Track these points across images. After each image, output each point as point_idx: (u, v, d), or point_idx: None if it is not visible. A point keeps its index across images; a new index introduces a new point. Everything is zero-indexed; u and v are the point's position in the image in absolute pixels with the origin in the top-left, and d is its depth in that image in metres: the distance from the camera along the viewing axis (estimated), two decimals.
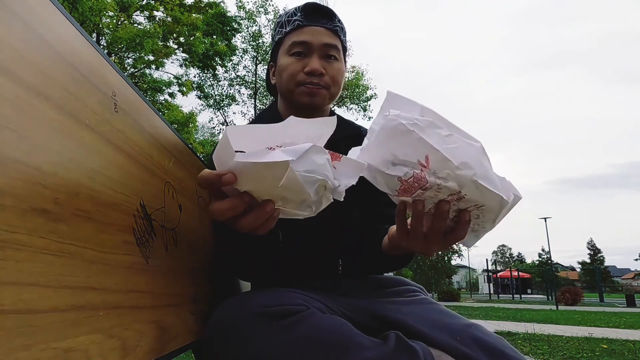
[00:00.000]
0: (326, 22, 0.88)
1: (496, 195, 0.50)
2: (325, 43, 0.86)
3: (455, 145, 0.48)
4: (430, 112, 0.50)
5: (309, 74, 0.85)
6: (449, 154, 0.47)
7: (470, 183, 0.49)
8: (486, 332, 0.70)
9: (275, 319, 0.62)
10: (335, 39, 0.88)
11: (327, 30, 0.88)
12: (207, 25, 10.97)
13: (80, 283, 0.40)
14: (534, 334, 4.65)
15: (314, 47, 0.86)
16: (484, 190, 0.50)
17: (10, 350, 0.30)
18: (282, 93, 0.92)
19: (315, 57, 0.86)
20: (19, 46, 0.36)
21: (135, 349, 0.49)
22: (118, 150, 0.51)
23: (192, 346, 0.70)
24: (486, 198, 0.51)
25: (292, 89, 0.87)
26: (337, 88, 0.89)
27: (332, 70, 0.87)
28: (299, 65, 0.86)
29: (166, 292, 0.60)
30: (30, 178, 0.35)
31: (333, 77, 0.87)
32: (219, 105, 15.18)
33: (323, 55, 0.87)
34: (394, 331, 0.66)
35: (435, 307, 0.79)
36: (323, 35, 0.87)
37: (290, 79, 0.87)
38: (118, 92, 0.53)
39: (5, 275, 0.31)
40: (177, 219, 0.69)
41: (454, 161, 0.47)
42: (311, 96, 0.86)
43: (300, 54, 0.87)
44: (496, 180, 0.51)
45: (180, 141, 0.76)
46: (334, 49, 0.87)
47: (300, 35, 0.87)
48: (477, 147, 0.49)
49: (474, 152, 0.49)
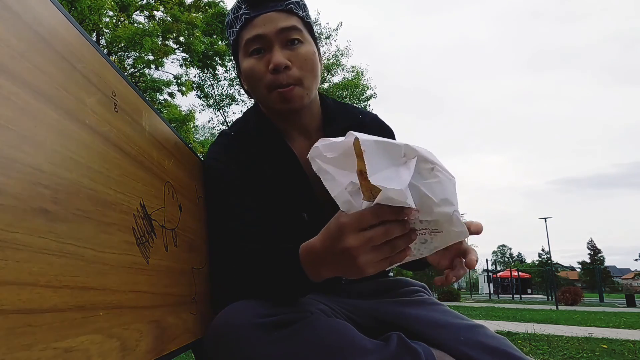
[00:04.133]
0: (276, 4, 0.76)
1: (462, 231, 0.51)
2: (281, 28, 0.75)
3: (436, 180, 0.48)
4: (411, 149, 0.48)
5: (274, 71, 0.74)
6: (429, 190, 0.48)
7: (448, 218, 0.50)
8: (490, 333, 0.69)
9: (277, 328, 0.61)
10: (291, 19, 0.76)
11: (280, 13, 0.76)
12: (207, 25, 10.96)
13: (80, 283, 0.40)
14: (534, 334, 4.65)
15: (271, 38, 0.75)
16: (457, 224, 0.50)
17: (10, 350, 0.30)
18: (258, 99, 0.83)
19: (276, 49, 0.75)
20: (19, 46, 0.36)
21: (135, 349, 0.49)
22: (118, 150, 0.51)
23: (192, 346, 0.70)
24: (452, 232, 0.51)
25: (264, 95, 0.78)
26: (312, 76, 0.78)
27: (299, 58, 0.76)
28: (262, 65, 0.76)
29: (166, 292, 0.60)
30: (30, 178, 0.35)
31: (302, 66, 0.76)
32: (219, 105, 15.18)
33: (284, 43, 0.75)
34: (396, 332, 0.66)
35: (439, 307, 0.79)
36: (277, 21, 0.75)
37: (258, 83, 0.77)
38: (118, 92, 0.53)
39: (5, 275, 0.31)
40: (177, 219, 0.69)
41: (434, 198, 0.48)
42: (286, 102, 0.76)
43: (259, 50, 0.76)
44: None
45: (180, 141, 0.76)
46: (294, 30, 0.76)
47: (252, 29, 0.76)
48: (453, 181, 0.49)
49: (452, 187, 0.49)
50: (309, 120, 0.84)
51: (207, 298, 0.79)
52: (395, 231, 0.49)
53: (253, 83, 0.79)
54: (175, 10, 10.39)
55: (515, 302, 18.26)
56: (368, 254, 0.50)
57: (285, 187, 0.81)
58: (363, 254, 0.50)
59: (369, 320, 0.77)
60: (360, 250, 0.50)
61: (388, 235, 0.49)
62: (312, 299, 0.74)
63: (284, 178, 0.81)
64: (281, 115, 0.82)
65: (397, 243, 0.50)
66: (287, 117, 0.82)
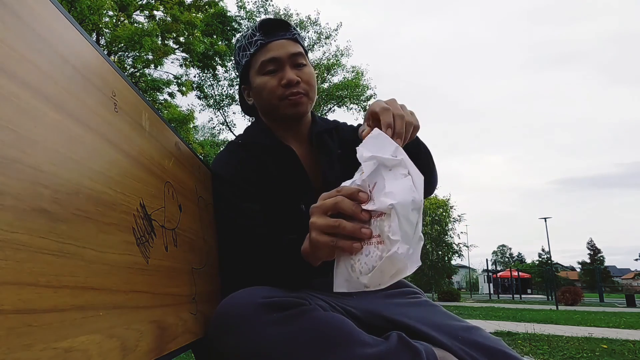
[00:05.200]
0: (285, 34, 0.93)
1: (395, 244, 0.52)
2: (292, 53, 0.92)
3: (398, 180, 0.54)
4: (401, 151, 0.58)
5: (287, 86, 0.90)
6: (388, 185, 0.54)
7: (389, 211, 0.52)
8: (486, 335, 0.71)
9: (278, 310, 0.64)
10: (297, 46, 0.93)
11: (289, 41, 0.93)
12: (207, 25, 10.97)
13: (80, 283, 0.40)
14: (534, 334, 4.65)
15: (283, 60, 0.91)
16: (394, 231, 0.52)
17: (10, 350, 0.30)
18: (264, 110, 0.97)
19: (287, 69, 0.91)
20: (19, 46, 0.36)
21: (135, 349, 0.49)
22: (118, 150, 0.51)
23: (192, 346, 0.70)
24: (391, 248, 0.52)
25: (275, 104, 0.92)
26: (314, 91, 0.96)
27: (305, 76, 0.93)
28: (275, 81, 0.91)
29: (166, 292, 0.60)
30: (30, 178, 0.35)
31: (308, 82, 0.93)
32: (219, 105, 15.18)
33: (293, 65, 0.92)
34: (397, 331, 0.66)
35: (437, 309, 0.81)
36: (287, 47, 0.92)
37: (271, 94, 0.92)
38: (118, 92, 0.53)
39: (5, 275, 0.31)
40: (177, 219, 0.69)
41: (386, 189, 0.54)
42: (296, 106, 0.91)
43: (272, 71, 0.92)
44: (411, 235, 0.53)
45: (181, 141, 0.76)
46: (300, 56, 0.93)
47: (267, 53, 0.92)
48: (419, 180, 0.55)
49: (407, 187, 0.53)
50: (303, 127, 0.99)
51: (207, 298, 0.79)
52: (347, 226, 0.57)
53: (265, 95, 0.93)
54: (175, 10, 10.39)
55: (515, 302, 18.27)
56: (321, 235, 0.59)
57: (286, 181, 0.91)
58: (315, 230, 0.60)
59: (368, 319, 0.77)
60: (314, 225, 0.60)
61: (339, 221, 0.58)
62: (312, 295, 0.75)
63: (285, 173, 0.92)
64: (285, 120, 0.95)
65: (345, 227, 0.57)
66: (289, 123, 0.96)
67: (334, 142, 0.99)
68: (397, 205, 0.52)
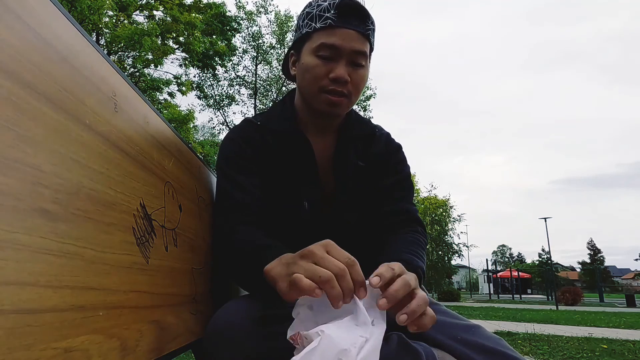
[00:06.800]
0: (359, 25, 0.83)
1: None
2: (355, 50, 0.82)
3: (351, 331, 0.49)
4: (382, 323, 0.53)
5: (334, 81, 0.82)
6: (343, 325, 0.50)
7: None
8: (487, 334, 0.70)
9: (271, 324, 0.63)
10: (365, 44, 0.84)
11: (359, 34, 0.83)
12: (207, 25, 10.98)
13: (80, 283, 0.40)
14: (534, 334, 4.65)
15: (342, 53, 0.82)
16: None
17: (10, 350, 0.30)
18: (302, 92, 0.89)
19: (342, 64, 0.82)
20: (19, 46, 0.36)
21: (135, 349, 0.49)
22: (118, 150, 0.51)
23: (192, 346, 0.70)
24: None
25: (314, 93, 0.85)
26: (358, 96, 0.88)
27: (357, 78, 0.84)
28: (324, 70, 0.83)
29: (166, 292, 0.60)
30: (30, 178, 0.35)
31: (356, 85, 0.85)
32: (219, 105, 15.18)
33: (350, 62, 0.83)
34: (396, 332, 0.66)
35: (437, 307, 0.80)
36: (354, 41, 0.82)
37: (314, 82, 0.84)
38: (118, 92, 0.53)
39: (5, 275, 0.31)
40: (177, 219, 0.69)
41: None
42: (332, 106, 0.85)
43: (327, 57, 0.83)
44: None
45: (181, 141, 0.76)
46: (362, 55, 0.83)
47: (331, 37, 0.82)
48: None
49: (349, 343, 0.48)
50: (333, 122, 0.92)
51: (207, 298, 0.79)
52: None
53: (309, 78, 0.85)
54: (174, 10, 10.39)
55: (515, 302, 18.26)
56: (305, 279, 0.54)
57: (294, 174, 0.88)
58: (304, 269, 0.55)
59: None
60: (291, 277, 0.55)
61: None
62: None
63: (296, 166, 0.88)
64: (316, 113, 0.89)
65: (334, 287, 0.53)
66: (320, 116, 0.89)
67: (358, 151, 0.92)
68: (324, 339, 0.46)
